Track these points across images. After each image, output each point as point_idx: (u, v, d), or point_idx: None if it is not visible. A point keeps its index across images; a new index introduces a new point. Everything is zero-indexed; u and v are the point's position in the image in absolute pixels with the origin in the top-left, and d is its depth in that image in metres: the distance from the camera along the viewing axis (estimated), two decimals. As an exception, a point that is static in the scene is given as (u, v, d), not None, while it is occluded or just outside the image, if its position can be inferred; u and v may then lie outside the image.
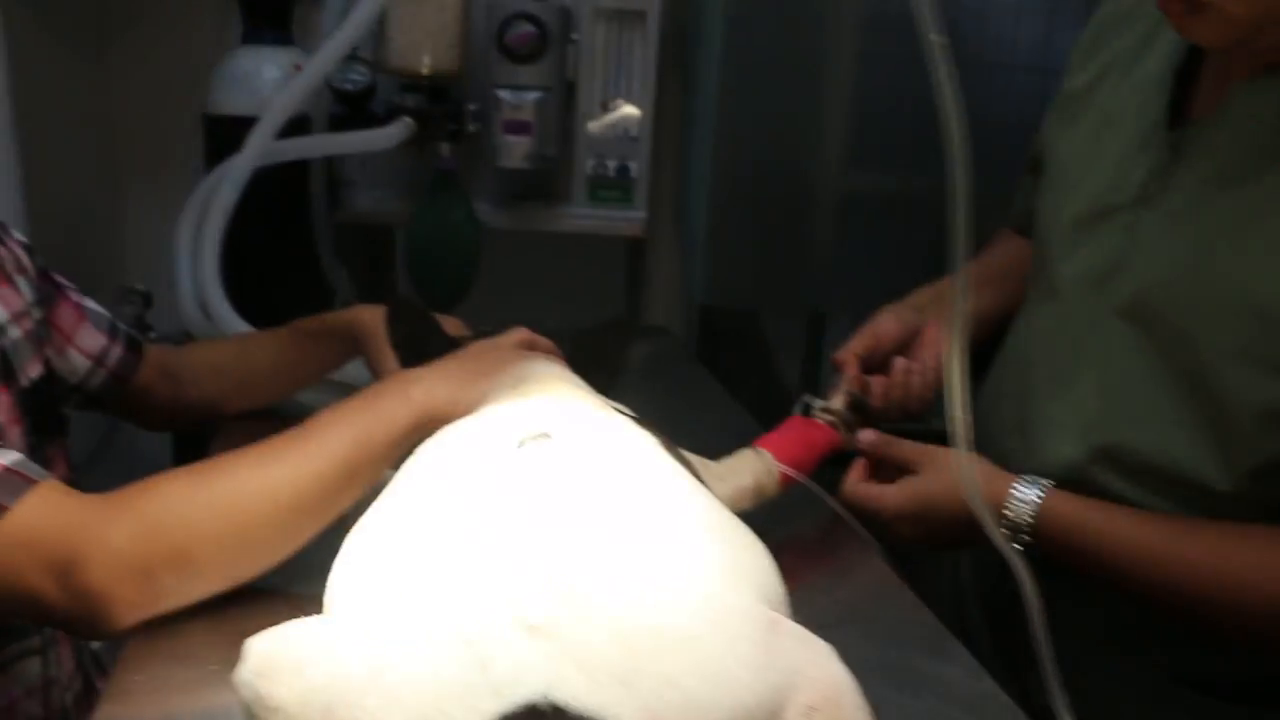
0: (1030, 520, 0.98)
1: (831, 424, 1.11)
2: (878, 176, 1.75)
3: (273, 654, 0.58)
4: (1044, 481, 1.00)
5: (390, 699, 0.55)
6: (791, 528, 1.10)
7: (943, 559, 1.29)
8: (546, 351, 1.02)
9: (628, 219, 1.86)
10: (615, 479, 0.70)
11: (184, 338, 1.52)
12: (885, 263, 1.74)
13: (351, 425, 0.89)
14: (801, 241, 1.79)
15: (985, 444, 1.16)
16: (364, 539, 0.71)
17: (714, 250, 1.78)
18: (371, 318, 1.15)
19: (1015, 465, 1.06)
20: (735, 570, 0.67)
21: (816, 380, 1.86)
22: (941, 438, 1.27)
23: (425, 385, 0.91)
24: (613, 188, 1.85)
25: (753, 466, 1.02)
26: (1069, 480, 1.01)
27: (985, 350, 1.23)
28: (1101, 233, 1.03)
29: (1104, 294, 1.01)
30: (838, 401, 1.13)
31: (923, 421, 1.85)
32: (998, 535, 0.82)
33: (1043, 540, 0.98)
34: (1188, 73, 1.00)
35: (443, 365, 0.95)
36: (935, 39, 0.69)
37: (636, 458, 0.74)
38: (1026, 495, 0.99)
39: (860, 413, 1.14)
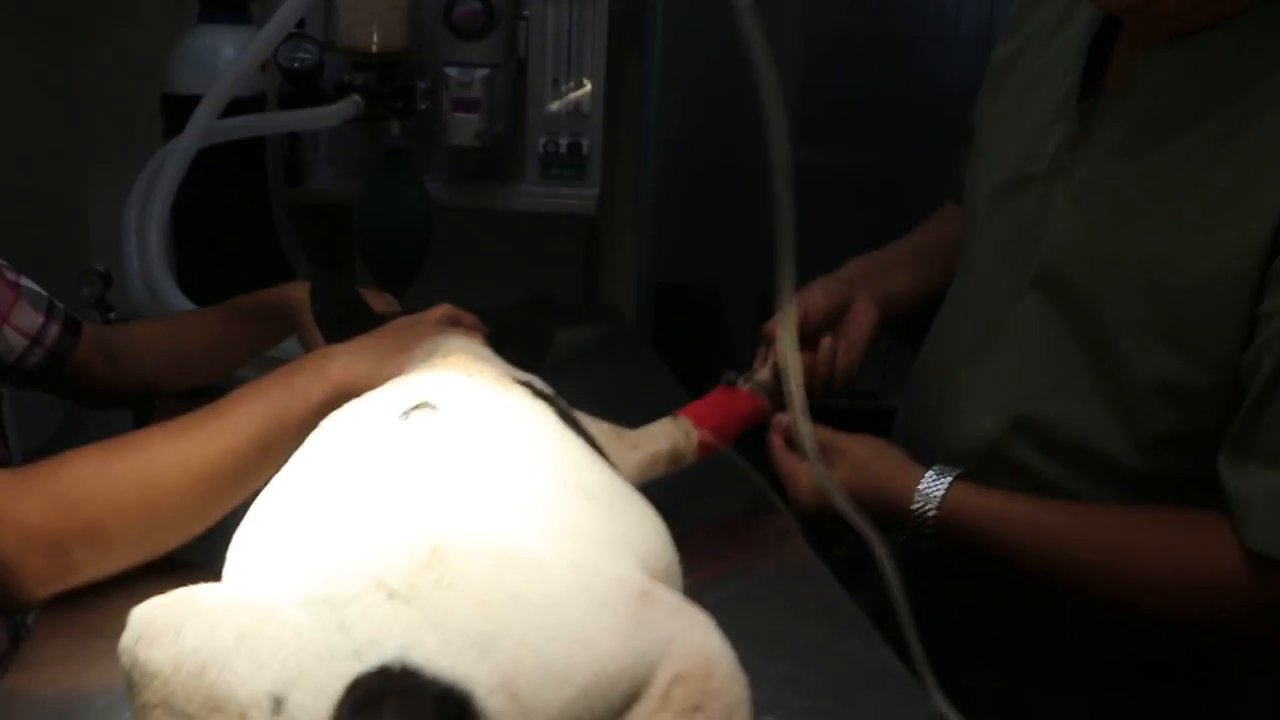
0: (935, 512, 1.00)
1: (755, 393, 1.12)
2: (825, 153, 1.77)
3: (152, 619, 0.59)
4: (953, 472, 1.02)
5: (257, 662, 0.56)
6: (713, 500, 1.12)
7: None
8: (470, 328, 1.03)
9: (580, 197, 1.87)
10: (494, 448, 0.71)
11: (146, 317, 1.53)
12: (833, 239, 1.74)
13: (267, 400, 0.90)
14: (749, 218, 1.80)
15: (917, 418, 1.18)
16: (257, 509, 0.73)
17: (662, 227, 1.79)
18: (303, 294, 1.16)
19: (940, 439, 1.08)
20: (614, 539, 0.68)
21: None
22: (887, 415, 1.29)
23: (341, 360, 0.92)
24: (565, 165, 1.86)
25: (669, 432, 1.03)
26: (988, 454, 1.03)
27: (924, 324, 1.24)
28: (1017, 204, 1.04)
29: (1018, 265, 1.02)
30: (764, 372, 1.14)
31: (874, 398, 1.86)
32: (849, 510, 0.84)
33: (950, 530, 1.00)
34: (1106, 43, 1.01)
35: (361, 341, 0.97)
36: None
37: (521, 428, 0.75)
38: (933, 487, 1.01)
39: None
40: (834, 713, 0.82)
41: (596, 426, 0.94)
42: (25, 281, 1.18)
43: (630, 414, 1.04)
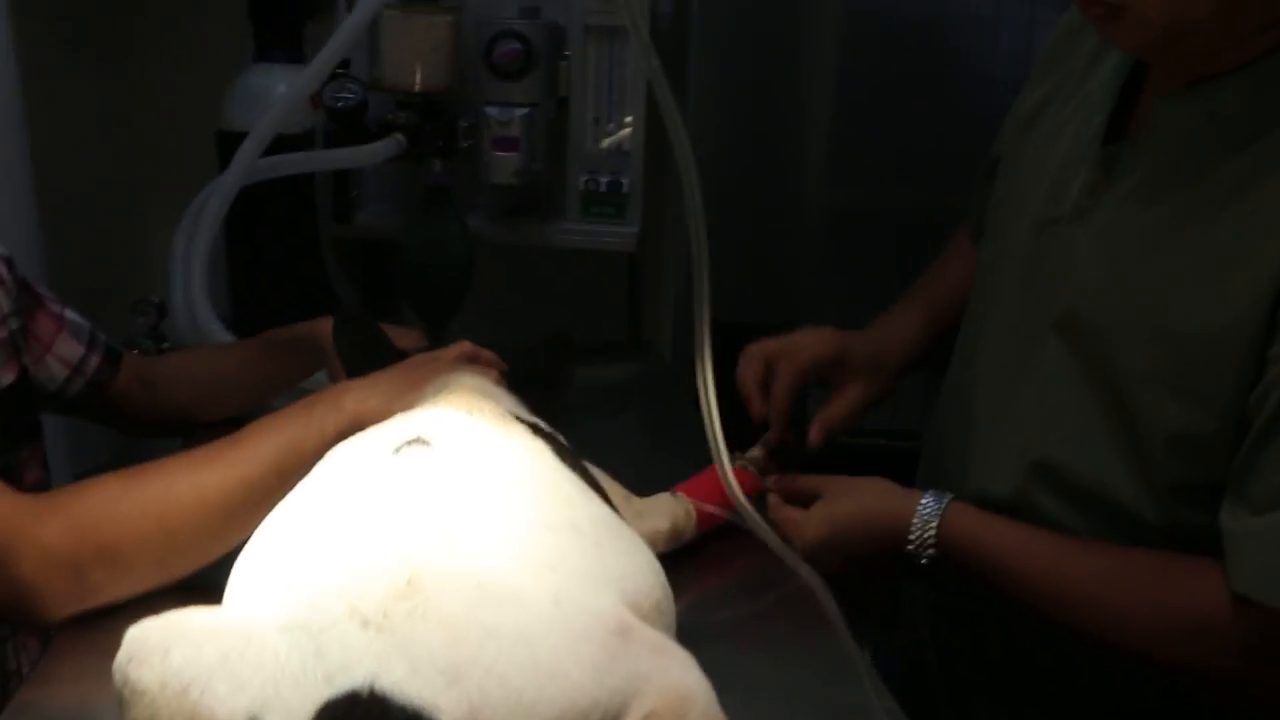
0: (934, 534, 0.99)
1: (747, 468, 1.14)
2: (859, 192, 1.78)
3: (143, 640, 0.62)
4: (948, 496, 1.01)
5: (237, 683, 0.59)
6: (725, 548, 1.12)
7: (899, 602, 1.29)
8: (487, 364, 1.06)
9: (620, 234, 1.89)
10: (481, 483, 0.73)
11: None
12: (867, 276, 1.76)
13: (283, 432, 0.93)
14: (785, 255, 1.81)
15: (939, 463, 1.18)
16: (258, 535, 0.75)
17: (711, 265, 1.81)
18: (330, 330, 1.20)
19: (965, 483, 1.07)
20: (598, 574, 0.70)
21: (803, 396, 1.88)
22: (899, 456, 1.29)
23: (357, 395, 0.95)
24: (605, 203, 1.88)
25: (670, 510, 1.05)
26: (1010, 502, 1.02)
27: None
28: (1040, 246, 1.03)
29: (1040, 308, 1.01)
30: (757, 450, 1.17)
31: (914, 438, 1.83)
32: (773, 538, 0.84)
33: (949, 553, 0.99)
34: (1135, 87, 1.00)
35: (378, 376, 0.99)
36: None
37: (513, 463, 0.77)
38: (931, 509, 1.00)
39: (783, 457, 1.17)
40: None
41: (609, 484, 0.95)
42: (69, 313, 1.22)
43: (659, 457, 1.05)
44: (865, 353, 1.23)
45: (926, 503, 1.01)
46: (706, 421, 0.83)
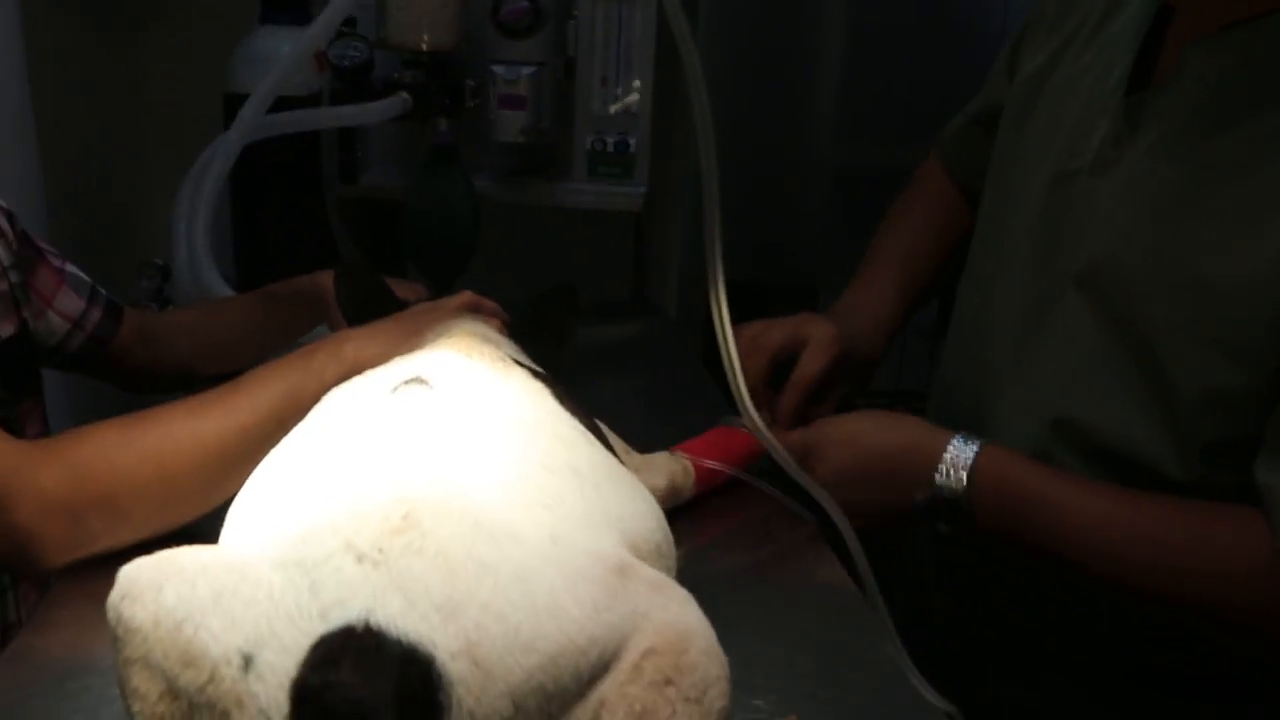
0: (965, 472, 0.95)
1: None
2: (867, 150, 1.76)
3: (136, 577, 0.61)
4: (982, 439, 0.98)
5: (230, 620, 0.58)
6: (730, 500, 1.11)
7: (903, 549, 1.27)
8: (490, 314, 1.05)
9: (628, 194, 1.87)
10: (480, 422, 0.72)
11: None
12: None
13: (282, 379, 0.92)
14: (793, 214, 1.80)
15: (949, 422, 1.16)
16: (255, 475, 0.75)
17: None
18: (331, 281, 1.19)
19: None
20: (598, 515, 0.69)
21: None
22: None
23: (356, 342, 0.94)
24: (612, 163, 1.87)
25: (669, 468, 1.04)
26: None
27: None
28: (1059, 200, 1.01)
29: (1059, 263, 0.99)
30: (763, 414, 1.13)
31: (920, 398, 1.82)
32: (793, 466, 0.84)
33: (980, 495, 0.95)
34: (1158, 36, 0.97)
35: (378, 324, 0.99)
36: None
37: (512, 405, 0.76)
38: (961, 452, 0.97)
39: None
40: (831, 700, 0.82)
41: (610, 438, 0.94)
42: (70, 267, 1.22)
43: (665, 415, 1.04)
44: (858, 354, 1.19)
45: (958, 442, 0.97)
46: (726, 363, 0.81)
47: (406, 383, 0.75)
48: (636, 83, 1.86)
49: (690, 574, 0.77)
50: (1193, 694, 0.99)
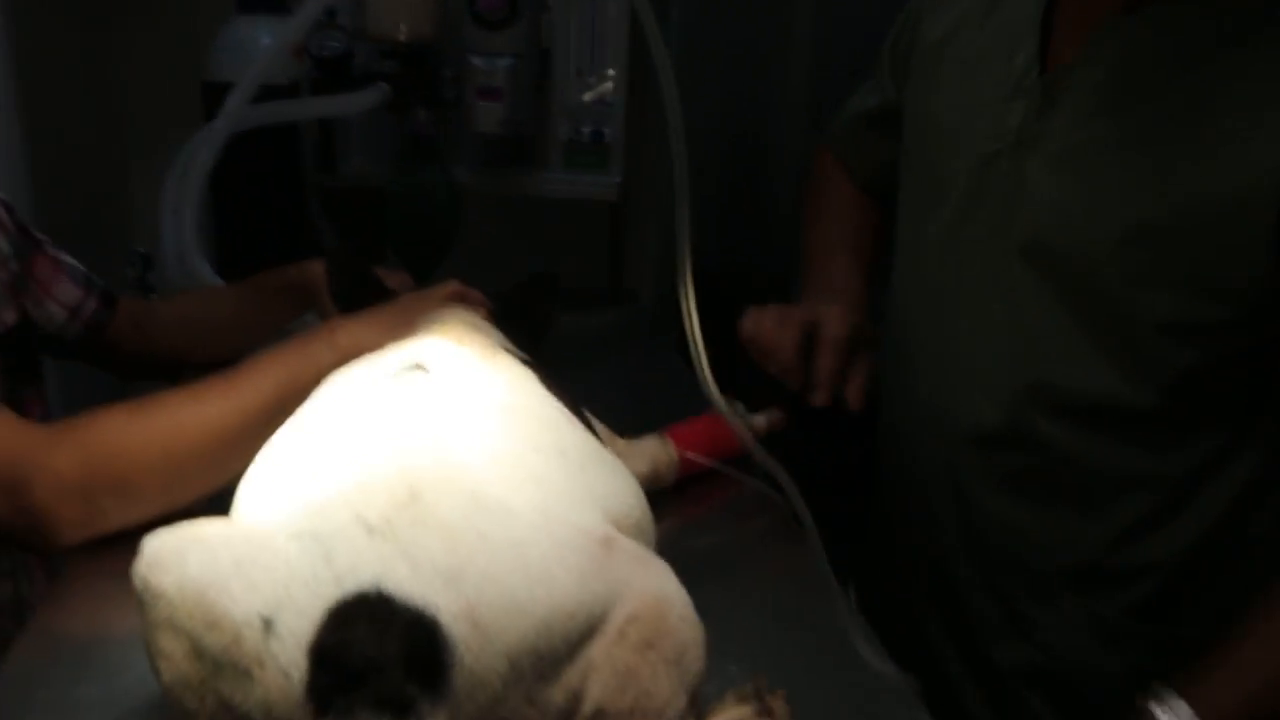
0: None
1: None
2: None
3: (160, 546, 0.66)
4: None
5: (250, 585, 0.63)
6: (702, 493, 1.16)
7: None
8: (475, 303, 1.10)
9: (604, 184, 1.92)
10: (474, 406, 0.78)
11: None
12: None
13: (282, 366, 0.97)
14: (765, 205, 1.85)
15: (901, 412, 1.19)
16: (263, 455, 0.80)
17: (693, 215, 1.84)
18: (321, 271, 1.24)
19: (941, 427, 1.10)
20: (583, 492, 0.75)
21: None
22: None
23: (350, 331, 0.99)
24: (588, 153, 1.92)
25: (654, 454, 1.09)
26: (1002, 434, 1.05)
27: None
28: (986, 181, 1.05)
29: (998, 241, 1.04)
30: (761, 420, 1.17)
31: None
32: (760, 451, 0.90)
33: None
34: (1045, 20, 1.04)
35: (370, 313, 1.04)
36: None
37: (502, 390, 0.82)
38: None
39: (810, 427, 1.16)
40: (797, 667, 0.88)
41: (594, 423, 1.00)
42: (65, 257, 1.26)
43: (640, 402, 1.09)
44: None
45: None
46: (692, 349, 0.87)
47: (407, 368, 0.81)
48: (610, 72, 1.91)
49: (670, 551, 0.83)
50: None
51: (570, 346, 1.16)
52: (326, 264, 1.16)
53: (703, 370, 0.91)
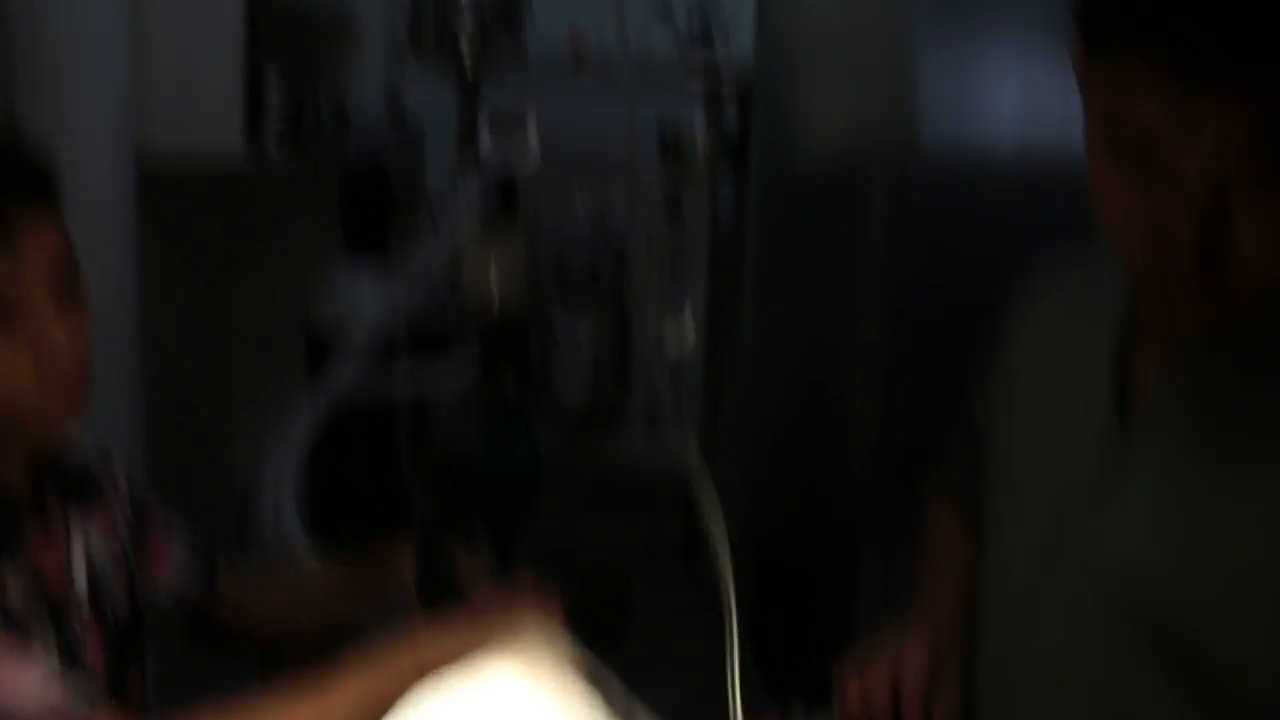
0: None
1: None
2: (911, 425, 1.85)
3: None
4: None
5: None
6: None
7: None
8: (547, 613, 1.15)
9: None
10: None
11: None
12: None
13: (368, 680, 1.03)
14: (837, 481, 1.89)
15: None
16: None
17: (750, 485, 1.89)
18: (404, 557, 1.30)
19: None
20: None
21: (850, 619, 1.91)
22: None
23: (430, 642, 1.05)
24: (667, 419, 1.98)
25: None
26: None
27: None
28: (1064, 530, 0.99)
29: (1086, 584, 0.97)
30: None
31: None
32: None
33: None
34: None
35: (451, 625, 1.09)
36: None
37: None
38: None
39: None
40: None
41: None
42: (178, 533, 1.33)
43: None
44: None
45: None
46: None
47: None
48: (690, 332, 1.99)
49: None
50: None
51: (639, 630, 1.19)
52: (412, 554, 1.23)
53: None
